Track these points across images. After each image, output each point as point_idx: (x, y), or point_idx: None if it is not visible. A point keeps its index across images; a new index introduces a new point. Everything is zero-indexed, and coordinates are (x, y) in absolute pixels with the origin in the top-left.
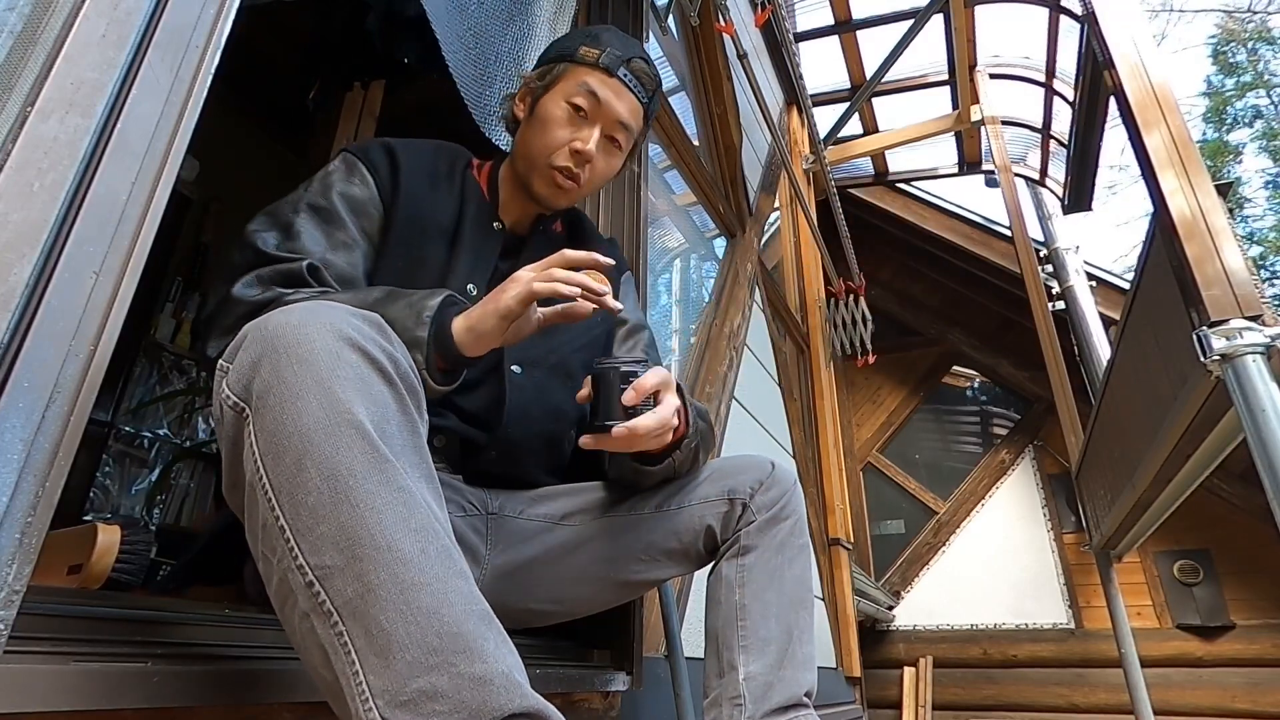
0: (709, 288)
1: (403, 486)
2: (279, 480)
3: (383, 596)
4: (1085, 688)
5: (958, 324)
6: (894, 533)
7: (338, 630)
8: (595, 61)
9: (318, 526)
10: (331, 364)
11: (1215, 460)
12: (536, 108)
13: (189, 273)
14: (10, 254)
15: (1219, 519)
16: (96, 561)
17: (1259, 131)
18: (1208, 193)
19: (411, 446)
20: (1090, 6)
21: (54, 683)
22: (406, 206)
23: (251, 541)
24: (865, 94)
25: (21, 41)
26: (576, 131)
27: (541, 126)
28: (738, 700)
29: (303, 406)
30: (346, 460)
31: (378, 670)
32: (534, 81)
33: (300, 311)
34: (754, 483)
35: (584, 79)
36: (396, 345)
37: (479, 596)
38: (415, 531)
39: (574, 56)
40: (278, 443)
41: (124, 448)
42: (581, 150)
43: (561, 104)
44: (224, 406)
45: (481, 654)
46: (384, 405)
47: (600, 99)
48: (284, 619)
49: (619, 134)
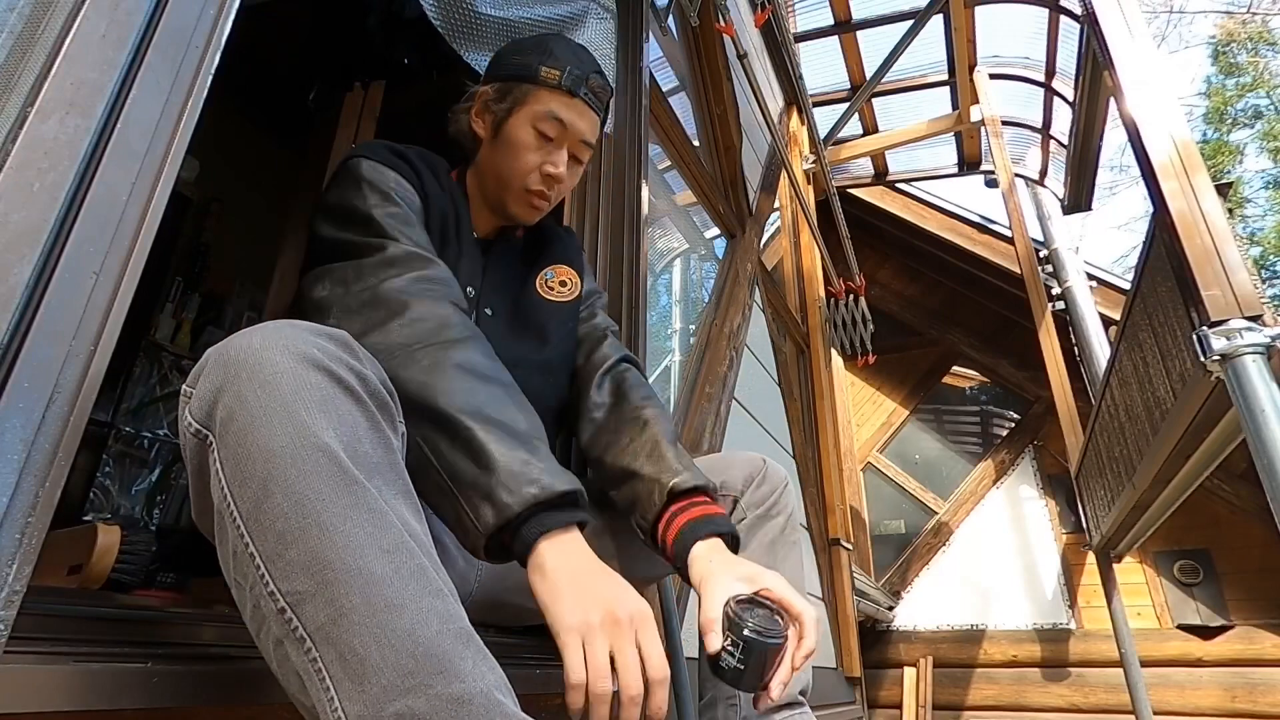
0: (709, 288)
1: (373, 507)
2: (246, 507)
3: (355, 620)
4: (1085, 688)
5: (958, 324)
6: (894, 533)
7: (311, 656)
8: (557, 84)
9: (286, 552)
10: (295, 386)
11: (1215, 460)
12: (502, 130)
13: (189, 273)
14: (10, 254)
15: (1219, 519)
16: (96, 561)
17: (1259, 131)
18: (1208, 193)
19: (386, 464)
20: (1090, 6)
21: (54, 683)
22: (431, 205)
23: (224, 569)
24: (865, 94)
25: (21, 41)
26: (546, 156)
27: (510, 151)
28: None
29: (267, 431)
30: (314, 484)
31: (353, 695)
32: (493, 101)
33: (261, 333)
34: (745, 479)
35: (549, 105)
36: (366, 362)
37: (457, 614)
38: (387, 552)
39: (535, 78)
40: (243, 469)
41: (124, 448)
42: (554, 174)
43: (528, 129)
44: (187, 434)
45: (459, 673)
46: (353, 424)
47: (565, 123)
48: (260, 646)
49: (582, 152)
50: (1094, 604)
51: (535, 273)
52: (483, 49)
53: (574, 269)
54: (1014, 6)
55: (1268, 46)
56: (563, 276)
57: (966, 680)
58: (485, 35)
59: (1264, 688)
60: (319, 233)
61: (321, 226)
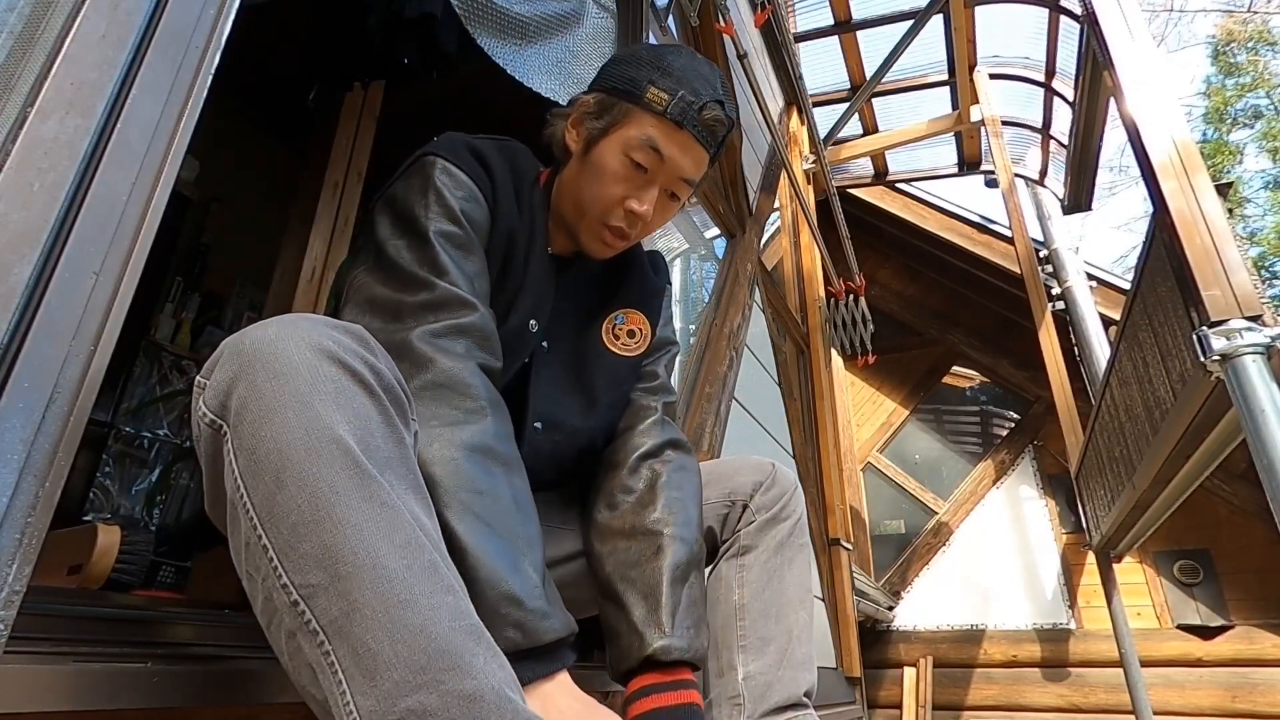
0: (709, 288)
1: (386, 502)
2: (259, 499)
3: (368, 615)
4: (1085, 688)
5: (958, 324)
6: (894, 533)
7: (324, 650)
8: (664, 111)
9: (300, 545)
10: (310, 378)
11: (1215, 460)
12: (592, 151)
13: (189, 273)
14: (10, 254)
15: (1219, 519)
16: (96, 561)
17: (1259, 131)
18: (1208, 193)
19: (398, 458)
20: (1090, 6)
21: (54, 683)
22: (498, 224)
23: (236, 560)
24: (865, 94)
25: (21, 41)
26: (634, 190)
27: (595, 176)
28: (737, 700)
29: (281, 423)
30: (327, 477)
31: (365, 690)
32: (591, 116)
33: (277, 325)
34: (754, 484)
35: (648, 130)
36: (380, 356)
37: (468, 610)
38: (400, 547)
39: (640, 99)
40: (257, 460)
41: (124, 448)
42: (637, 211)
43: (620, 155)
44: (201, 424)
45: (471, 670)
46: (367, 418)
47: (664, 155)
48: (271, 638)
49: (681, 190)
50: (1094, 604)
51: (605, 313)
52: (495, 37)
53: (648, 317)
54: (1014, 6)
55: (1267, 46)
56: (633, 325)
57: (966, 680)
58: (495, 25)
59: (1264, 688)
60: (377, 225)
61: (380, 220)
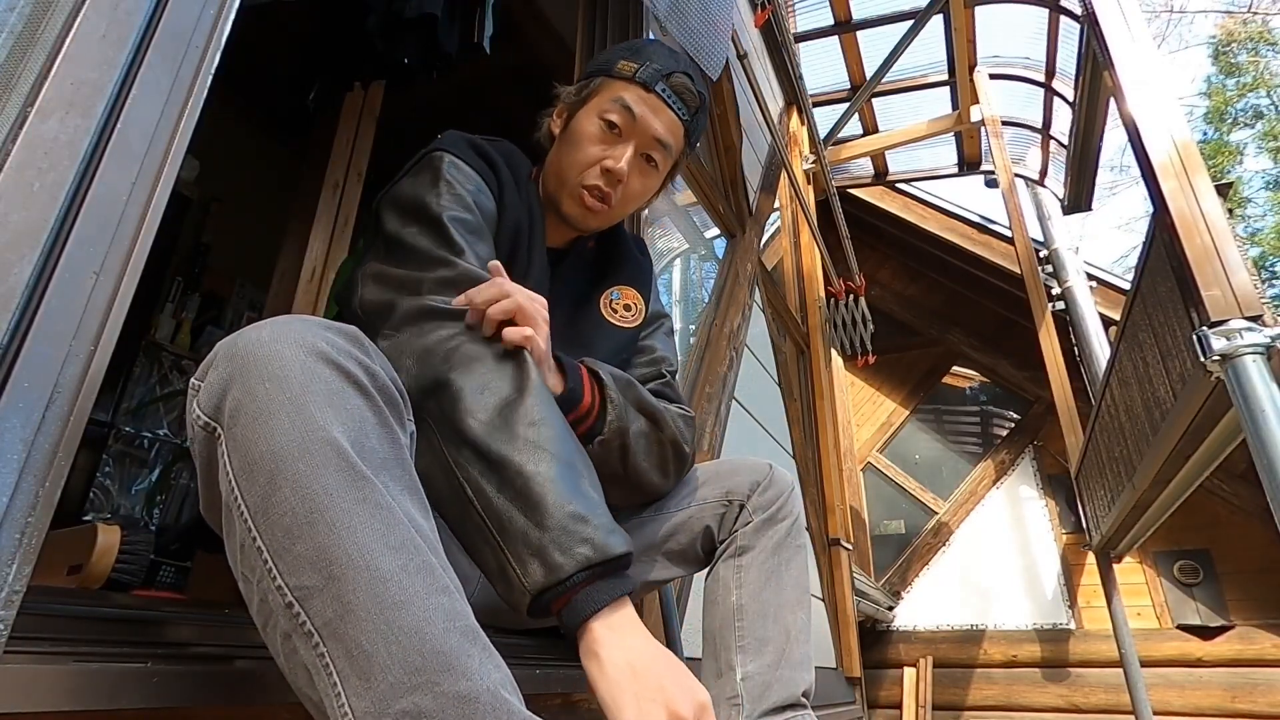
0: (709, 288)
1: (380, 503)
2: (254, 500)
3: (362, 616)
4: (1085, 688)
5: (958, 324)
6: (894, 533)
7: (319, 651)
8: (632, 76)
9: (294, 547)
10: (304, 380)
11: (1215, 460)
12: (570, 124)
13: (189, 273)
14: (10, 254)
15: (1219, 519)
16: (96, 561)
17: (1259, 131)
18: (1208, 193)
19: (393, 460)
20: (1090, 7)
21: (54, 683)
22: (506, 217)
23: (232, 562)
24: (865, 94)
25: (21, 41)
26: (609, 149)
27: (573, 143)
28: (735, 700)
29: (275, 425)
30: (321, 478)
31: (360, 692)
32: (570, 96)
33: (271, 327)
34: (751, 484)
35: (619, 94)
36: (375, 358)
37: (464, 611)
38: (394, 549)
39: (611, 71)
40: (251, 462)
41: (124, 448)
42: (613, 169)
43: (595, 120)
44: (196, 427)
45: (466, 671)
46: (361, 419)
47: (636, 114)
48: (267, 640)
49: (656, 152)
50: (1094, 604)
51: (601, 290)
52: None
53: (640, 293)
54: (1014, 6)
55: (1268, 46)
56: (628, 300)
57: (966, 680)
58: None
59: (1264, 688)
60: (385, 222)
61: (388, 216)
